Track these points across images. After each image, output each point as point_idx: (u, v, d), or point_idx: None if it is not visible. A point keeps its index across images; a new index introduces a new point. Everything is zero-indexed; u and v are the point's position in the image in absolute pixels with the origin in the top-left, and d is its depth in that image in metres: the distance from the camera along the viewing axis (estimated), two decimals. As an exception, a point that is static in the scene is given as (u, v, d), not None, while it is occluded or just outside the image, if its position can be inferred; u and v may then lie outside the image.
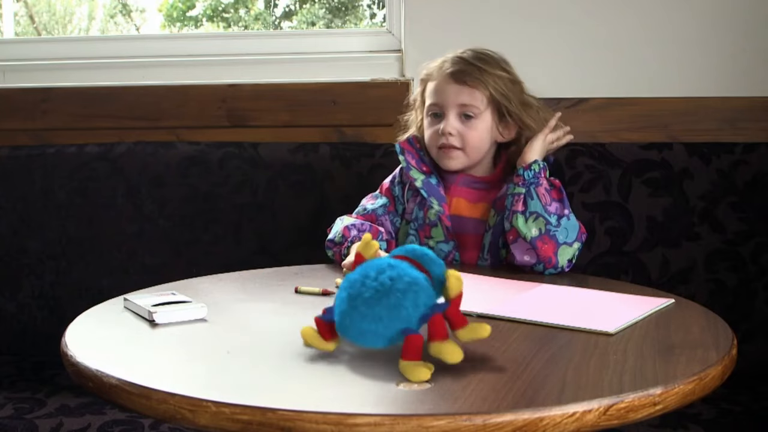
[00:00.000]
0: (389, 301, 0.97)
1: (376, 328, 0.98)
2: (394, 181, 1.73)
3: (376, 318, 0.97)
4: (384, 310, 0.97)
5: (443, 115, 1.63)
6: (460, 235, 1.64)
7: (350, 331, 1.00)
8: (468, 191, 1.67)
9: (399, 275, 0.99)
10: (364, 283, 0.99)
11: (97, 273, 2.05)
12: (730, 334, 1.13)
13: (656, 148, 1.96)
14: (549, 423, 0.84)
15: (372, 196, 1.73)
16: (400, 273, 0.99)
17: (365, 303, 0.98)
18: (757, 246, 1.89)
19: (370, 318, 0.98)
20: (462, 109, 1.62)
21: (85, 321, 1.22)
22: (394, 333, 0.97)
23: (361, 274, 1.01)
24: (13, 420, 1.60)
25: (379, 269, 1.00)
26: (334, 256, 1.63)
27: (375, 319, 0.97)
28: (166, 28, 3.44)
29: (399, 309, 0.97)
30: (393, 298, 0.97)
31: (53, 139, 2.21)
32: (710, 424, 1.58)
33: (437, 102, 1.64)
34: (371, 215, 1.68)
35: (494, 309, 1.23)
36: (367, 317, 0.98)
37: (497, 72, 1.63)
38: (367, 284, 0.99)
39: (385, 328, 0.97)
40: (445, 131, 1.62)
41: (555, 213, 1.55)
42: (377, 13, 3.05)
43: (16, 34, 2.83)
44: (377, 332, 0.98)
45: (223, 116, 2.20)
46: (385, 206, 1.70)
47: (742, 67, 2.05)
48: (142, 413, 0.92)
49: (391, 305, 0.97)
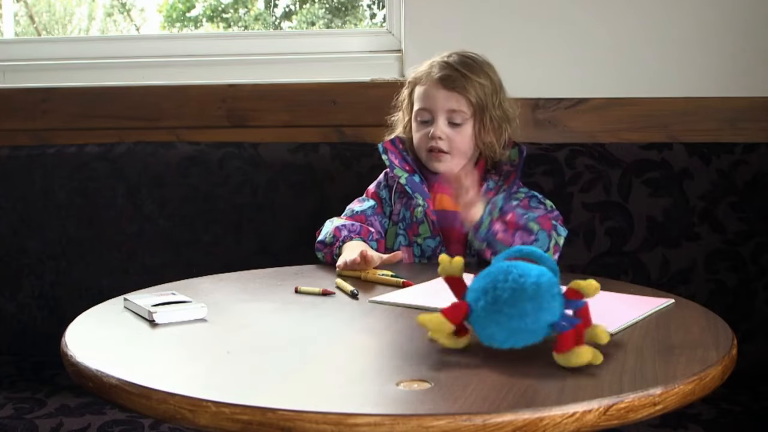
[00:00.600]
0: (528, 295, 0.99)
1: (525, 324, 0.99)
2: (380, 186, 1.78)
3: (523, 314, 0.99)
4: (528, 305, 0.99)
5: (432, 120, 1.67)
6: (445, 230, 1.67)
7: (498, 335, 1.01)
8: (450, 187, 1.69)
9: (525, 272, 1.02)
10: (496, 287, 1.01)
11: (97, 273, 2.05)
12: (730, 334, 1.13)
13: (656, 148, 1.96)
14: (549, 423, 0.84)
15: (359, 200, 1.77)
16: (525, 270, 1.02)
17: (507, 303, 1.00)
18: (757, 246, 1.89)
19: (517, 316, 0.99)
20: (450, 115, 1.66)
21: (85, 321, 1.22)
22: (542, 326, 1.00)
23: (488, 281, 1.02)
24: (13, 420, 1.60)
25: (504, 271, 1.02)
26: (324, 257, 1.65)
27: (522, 315, 0.99)
28: (166, 28, 3.44)
29: (540, 300, 0.99)
30: (530, 291, 1.00)
31: (53, 139, 2.21)
32: (710, 424, 1.58)
33: (426, 107, 1.68)
34: (360, 216, 1.71)
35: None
36: (513, 317, 0.99)
37: (481, 80, 1.67)
38: (501, 287, 1.01)
39: (534, 322, 0.99)
40: (435, 135, 1.66)
41: (521, 242, 1.53)
42: (377, 13, 3.06)
43: (16, 34, 2.83)
44: (527, 328, 0.99)
45: (223, 116, 2.20)
46: (374, 208, 1.73)
47: (742, 67, 2.05)
48: (142, 413, 0.92)
49: (532, 299, 0.99)
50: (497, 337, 1.00)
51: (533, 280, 1.00)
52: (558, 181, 1.95)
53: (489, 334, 1.01)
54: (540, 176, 1.96)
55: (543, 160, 1.97)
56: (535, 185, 1.92)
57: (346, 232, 1.64)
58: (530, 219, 1.54)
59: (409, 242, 1.70)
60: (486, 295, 1.01)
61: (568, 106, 2.08)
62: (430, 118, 1.68)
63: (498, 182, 1.69)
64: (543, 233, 1.54)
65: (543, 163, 1.97)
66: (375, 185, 1.78)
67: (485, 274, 1.04)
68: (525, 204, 1.66)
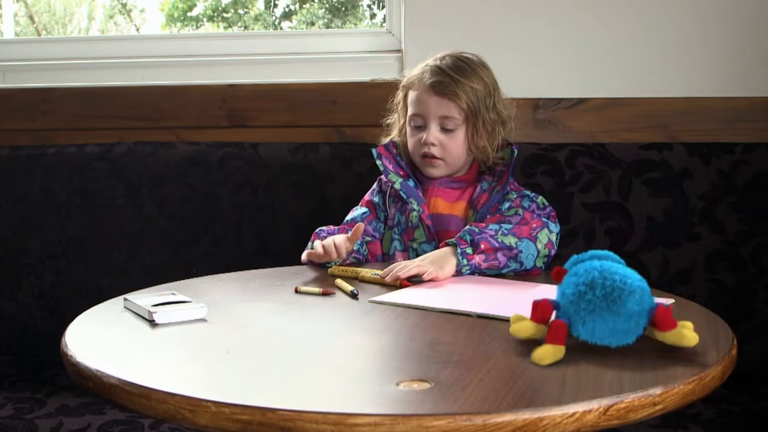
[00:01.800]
0: (636, 299, 1.02)
1: (628, 325, 1.02)
2: (373, 192, 1.78)
3: (629, 315, 1.02)
4: (634, 305, 1.02)
5: (425, 126, 1.67)
6: (441, 234, 1.66)
7: (599, 331, 1.02)
8: (445, 191, 1.71)
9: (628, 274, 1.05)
10: (605, 285, 1.03)
11: (97, 273, 2.05)
12: (730, 334, 1.13)
13: (656, 148, 1.96)
14: (549, 423, 0.84)
15: (353, 209, 1.77)
16: (626, 272, 1.06)
17: (616, 303, 1.02)
18: (757, 246, 1.89)
19: (625, 316, 1.01)
20: (442, 121, 1.66)
21: (85, 321, 1.22)
22: (643, 324, 1.03)
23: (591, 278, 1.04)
24: (13, 420, 1.61)
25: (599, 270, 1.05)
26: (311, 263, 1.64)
27: (628, 317, 1.02)
28: (167, 28, 3.44)
29: (642, 300, 1.02)
30: (638, 294, 1.03)
31: (53, 139, 2.21)
32: (710, 424, 1.58)
33: (419, 113, 1.68)
34: (351, 223, 1.72)
35: (494, 309, 1.23)
36: (621, 315, 1.01)
37: (473, 85, 1.66)
38: (609, 285, 1.03)
39: (636, 325, 1.02)
40: (428, 141, 1.66)
41: (507, 259, 1.54)
42: (377, 13, 3.06)
43: (16, 34, 2.83)
44: (633, 329, 1.02)
45: (223, 116, 2.20)
46: (365, 214, 1.73)
47: (742, 67, 2.05)
48: (142, 413, 0.92)
49: (638, 302, 1.02)
50: (598, 332, 1.02)
51: (638, 283, 1.04)
52: (558, 181, 1.95)
53: (590, 328, 1.02)
54: (540, 176, 1.96)
55: (543, 160, 1.97)
56: (535, 185, 1.93)
57: (324, 234, 1.66)
58: (504, 235, 1.53)
59: (405, 247, 1.70)
60: (593, 290, 1.03)
61: (568, 106, 2.08)
62: (423, 123, 1.68)
63: (492, 183, 1.69)
64: (523, 242, 1.54)
65: (543, 163, 1.97)
66: (369, 192, 1.79)
67: (582, 272, 1.06)
68: (517, 203, 1.66)
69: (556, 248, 1.60)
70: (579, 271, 1.07)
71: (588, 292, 1.03)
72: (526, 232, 1.56)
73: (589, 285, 1.04)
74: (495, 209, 1.66)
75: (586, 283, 1.04)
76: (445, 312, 1.24)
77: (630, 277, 1.05)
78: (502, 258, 1.52)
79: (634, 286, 1.03)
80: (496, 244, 1.51)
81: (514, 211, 1.64)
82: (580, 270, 1.07)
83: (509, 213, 1.64)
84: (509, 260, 1.53)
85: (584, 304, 1.03)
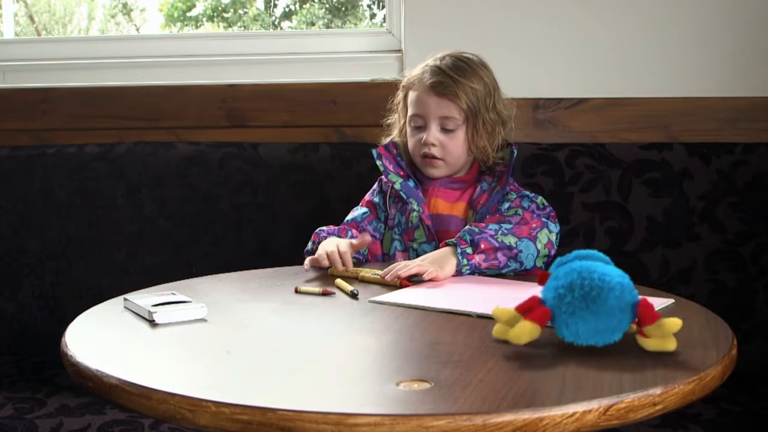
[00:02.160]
0: (615, 295, 1.02)
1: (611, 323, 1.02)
2: (374, 193, 1.78)
3: (611, 312, 1.01)
4: (614, 302, 1.02)
5: (425, 126, 1.67)
6: (441, 234, 1.66)
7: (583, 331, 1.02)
8: (445, 191, 1.71)
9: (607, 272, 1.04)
10: (583, 285, 1.03)
11: (97, 273, 2.05)
12: (730, 334, 1.13)
13: (656, 148, 1.96)
14: (549, 423, 0.84)
15: (354, 209, 1.77)
16: (605, 270, 1.05)
17: (595, 302, 1.02)
18: (757, 246, 1.89)
19: (605, 314, 1.01)
20: (442, 122, 1.66)
21: (85, 321, 1.22)
22: (627, 320, 1.03)
23: (571, 280, 1.04)
24: (13, 420, 1.61)
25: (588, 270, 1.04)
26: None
27: (610, 314, 1.01)
28: (166, 28, 3.44)
29: (622, 296, 1.02)
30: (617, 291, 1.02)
31: (53, 139, 2.21)
32: (710, 424, 1.58)
33: (419, 113, 1.68)
34: (351, 224, 1.72)
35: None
36: (601, 314, 1.01)
37: (473, 85, 1.65)
38: (588, 285, 1.03)
39: (620, 321, 1.02)
40: (428, 142, 1.66)
41: (507, 259, 1.54)
42: (377, 13, 3.06)
43: (16, 34, 2.83)
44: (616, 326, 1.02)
45: (223, 116, 2.20)
46: (365, 214, 1.74)
47: (742, 67, 2.05)
48: (142, 413, 0.93)
49: (619, 298, 1.02)
50: (582, 333, 1.02)
51: (618, 279, 1.03)
52: (558, 181, 1.95)
53: (573, 330, 1.02)
54: (540, 176, 1.96)
55: (543, 160, 1.97)
56: (535, 185, 1.93)
57: (324, 234, 1.66)
58: (504, 235, 1.53)
59: (405, 247, 1.70)
60: (572, 291, 1.03)
61: (568, 106, 2.08)
62: (423, 123, 1.68)
63: (491, 183, 1.69)
64: (523, 242, 1.54)
65: (543, 163, 1.97)
66: (370, 193, 1.79)
67: (562, 275, 1.05)
68: (517, 203, 1.66)
69: (555, 248, 1.60)
70: (559, 274, 1.06)
71: (567, 295, 1.03)
72: (525, 232, 1.56)
73: (568, 287, 1.03)
74: (495, 209, 1.66)
75: (564, 285, 1.04)
76: (445, 312, 1.24)
77: (609, 274, 1.04)
78: (502, 258, 1.52)
79: (612, 283, 1.02)
80: (496, 244, 1.51)
81: (513, 211, 1.64)
82: (560, 273, 1.06)
83: (509, 213, 1.64)
84: (509, 260, 1.53)
85: (564, 306, 1.03)
